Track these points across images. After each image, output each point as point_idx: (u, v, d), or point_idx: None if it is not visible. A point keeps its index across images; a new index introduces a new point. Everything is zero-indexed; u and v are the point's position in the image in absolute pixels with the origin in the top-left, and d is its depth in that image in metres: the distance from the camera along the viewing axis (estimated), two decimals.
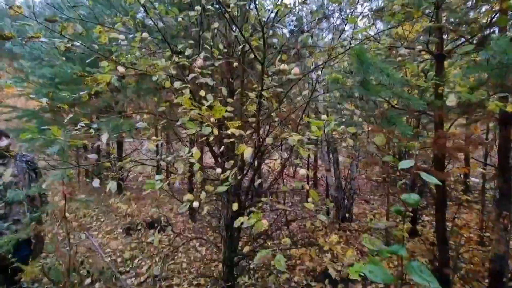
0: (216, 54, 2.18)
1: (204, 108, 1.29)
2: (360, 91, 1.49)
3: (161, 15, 2.67)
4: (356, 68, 1.39)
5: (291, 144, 1.55)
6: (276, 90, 2.38)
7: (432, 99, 2.07)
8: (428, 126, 4.64)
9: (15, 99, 9.67)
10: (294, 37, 2.79)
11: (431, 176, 0.80)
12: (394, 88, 1.44)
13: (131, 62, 2.56)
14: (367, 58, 1.31)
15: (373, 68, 1.33)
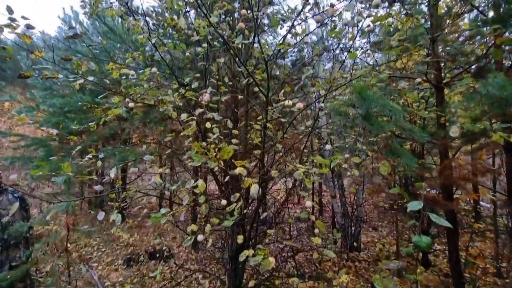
0: (222, 89, 2.26)
1: (212, 150, 1.32)
2: (363, 124, 1.52)
3: (170, 49, 2.81)
4: (358, 102, 1.43)
5: (297, 177, 1.55)
6: (280, 119, 2.43)
7: (435, 129, 2.09)
8: (434, 151, 4.62)
9: (24, 128, 9.93)
10: (296, 68, 2.90)
11: (440, 218, 0.79)
12: (397, 121, 1.47)
13: (140, 94, 2.67)
14: (369, 94, 1.35)
15: (374, 104, 1.36)
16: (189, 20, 3.55)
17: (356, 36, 2.26)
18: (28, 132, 8.83)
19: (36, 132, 8.96)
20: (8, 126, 11.72)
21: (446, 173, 1.84)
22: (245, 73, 2.52)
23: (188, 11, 3.04)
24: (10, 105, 11.50)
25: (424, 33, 2.14)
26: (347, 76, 2.28)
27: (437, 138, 1.96)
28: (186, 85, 2.75)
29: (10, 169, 7.26)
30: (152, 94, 2.73)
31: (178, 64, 3.84)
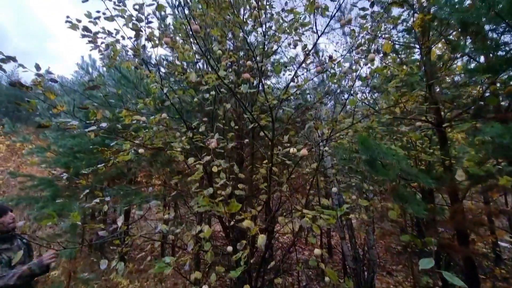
0: (229, 136, 2.35)
1: (221, 204, 1.34)
2: (368, 170, 1.54)
3: (179, 96, 2.98)
4: (361, 150, 1.47)
5: (304, 226, 1.53)
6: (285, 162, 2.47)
7: (441, 171, 2.09)
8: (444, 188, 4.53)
9: (32, 167, 10.10)
10: (300, 111, 3.02)
11: (454, 278, 0.77)
12: (401, 166, 1.49)
13: (149, 137, 2.77)
14: (371, 144, 1.40)
15: (377, 151, 1.40)
16: (197, 66, 3.83)
17: (355, 82, 2.39)
18: (36, 172, 8.97)
19: (44, 172, 9.08)
20: (16, 165, 11.93)
21: (458, 217, 1.80)
22: (250, 118, 2.64)
23: (198, 61, 3.29)
24: (21, 144, 11.85)
25: (420, 79, 2.27)
26: (349, 119, 2.36)
27: (444, 182, 1.95)
28: (193, 129, 2.86)
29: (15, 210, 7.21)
30: (160, 136, 2.84)
31: (186, 107, 4.03)
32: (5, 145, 12.54)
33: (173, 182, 2.72)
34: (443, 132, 2.38)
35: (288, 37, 2.99)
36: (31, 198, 5.58)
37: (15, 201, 5.53)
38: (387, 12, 2.16)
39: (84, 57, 7.44)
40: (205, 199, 1.32)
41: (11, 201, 5.69)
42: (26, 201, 5.52)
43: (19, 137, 6.20)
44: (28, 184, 5.98)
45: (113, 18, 2.34)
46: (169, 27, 3.90)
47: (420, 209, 1.49)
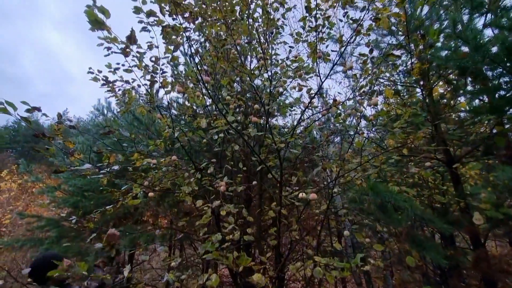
0: (238, 180, 2.37)
1: (231, 257, 1.31)
2: (380, 216, 1.49)
3: (189, 137, 3.08)
4: (371, 196, 1.46)
5: (317, 276, 1.45)
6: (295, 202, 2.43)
7: (457, 213, 2.01)
8: None
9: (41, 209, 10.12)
10: (307, 151, 3.05)
11: None
12: (414, 211, 1.45)
13: (158, 178, 2.80)
14: (381, 189, 1.39)
15: (388, 197, 1.38)
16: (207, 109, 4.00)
17: (360, 122, 2.44)
18: (44, 211, 8.97)
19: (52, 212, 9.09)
20: (26, 204, 12.02)
21: (482, 265, 1.67)
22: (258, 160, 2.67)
23: (208, 106, 3.46)
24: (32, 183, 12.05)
25: (424, 120, 2.31)
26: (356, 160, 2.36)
27: (461, 225, 1.86)
28: (202, 170, 2.90)
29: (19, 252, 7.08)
30: (169, 177, 2.87)
31: (195, 147, 4.12)
32: (17, 184, 12.79)
33: (180, 224, 2.68)
34: (455, 171, 2.34)
35: (293, 81, 3.16)
36: (37, 240, 5.50)
37: (21, 242, 5.46)
38: (385, 58, 2.29)
39: (101, 99, 7.89)
40: (214, 249, 1.29)
41: (16, 242, 5.62)
42: (31, 242, 5.44)
43: (32, 177, 6.33)
44: (35, 225, 5.95)
45: (131, 70, 2.54)
46: (181, 74, 4.18)
47: (439, 257, 1.41)
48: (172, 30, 1.96)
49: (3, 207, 11.06)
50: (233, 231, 1.79)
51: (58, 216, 6.24)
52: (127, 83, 2.89)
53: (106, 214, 5.33)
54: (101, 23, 1.37)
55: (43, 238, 5.77)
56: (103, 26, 1.40)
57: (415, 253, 1.99)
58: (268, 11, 3.05)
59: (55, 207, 7.03)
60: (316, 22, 2.36)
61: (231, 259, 1.28)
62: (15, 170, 13.03)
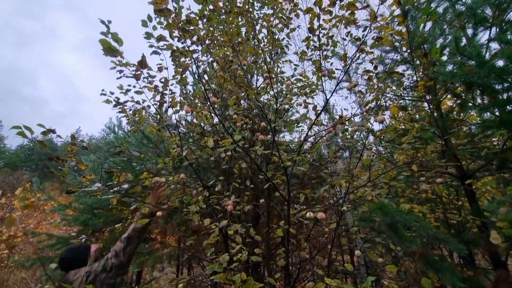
0: (245, 199, 2.37)
1: (237, 282, 1.29)
2: (391, 237, 1.45)
3: (196, 155, 3.12)
4: (380, 216, 1.42)
5: None
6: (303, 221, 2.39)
7: (473, 232, 1.93)
8: None
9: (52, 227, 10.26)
10: (314, 167, 3.04)
11: None
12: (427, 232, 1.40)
13: (166, 196, 2.82)
14: (390, 209, 1.36)
15: (398, 217, 1.35)
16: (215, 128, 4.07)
17: (367, 137, 2.42)
18: (54, 229, 9.06)
19: (61, 231, 9.19)
20: (37, 221, 12.19)
21: (503, 286, 1.58)
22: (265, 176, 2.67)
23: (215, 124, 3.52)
24: (44, 202, 12.28)
25: (433, 135, 2.27)
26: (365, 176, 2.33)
27: (479, 245, 1.78)
28: (210, 187, 2.91)
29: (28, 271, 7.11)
30: (177, 195, 2.89)
31: (203, 164, 4.16)
32: (30, 201, 13.04)
33: (188, 243, 2.66)
34: (468, 187, 2.27)
35: (299, 98, 3.20)
36: (47, 258, 5.53)
37: (31, 261, 5.50)
38: (390, 75, 2.31)
39: (112, 118, 8.13)
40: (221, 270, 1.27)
41: (27, 261, 5.67)
42: (41, 261, 5.47)
43: (44, 195, 6.47)
44: (46, 243, 6.00)
45: (142, 92, 2.64)
46: (190, 93, 4.30)
47: (456, 281, 1.34)
48: (181, 53, 2.05)
49: (15, 225, 11.23)
50: (241, 251, 1.77)
51: (68, 234, 6.29)
52: (137, 103, 3.00)
53: (114, 232, 5.36)
54: (114, 51, 1.45)
55: (53, 256, 5.80)
56: (116, 53, 1.48)
57: (432, 273, 1.90)
58: (273, 31, 3.16)
59: (66, 225, 7.11)
60: (320, 42, 2.42)
61: (238, 283, 1.26)
62: (28, 188, 13.34)
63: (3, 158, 34.01)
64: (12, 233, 10.01)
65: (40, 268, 5.87)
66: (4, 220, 11.13)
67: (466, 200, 2.95)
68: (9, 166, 27.68)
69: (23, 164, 32.57)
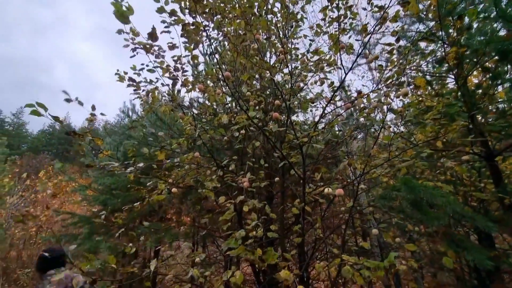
0: (260, 175, 2.35)
1: (256, 252, 1.28)
2: (413, 214, 1.39)
3: (210, 135, 3.11)
4: (404, 191, 1.36)
5: (346, 276, 1.38)
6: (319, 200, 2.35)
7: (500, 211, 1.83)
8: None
9: (74, 205, 10.81)
10: (330, 147, 2.96)
11: None
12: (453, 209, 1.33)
13: (181, 176, 2.86)
14: (415, 184, 1.29)
15: (423, 193, 1.28)
16: (227, 107, 4.02)
17: (386, 115, 2.31)
18: (77, 209, 9.54)
19: (83, 209, 9.65)
20: (61, 202, 12.88)
21: None
22: (279, 156, 2.63)
23: (228, 103, 3.47)
24: (67, 182, 12.90)
25: (460, 110, 2.13)
26: (383, 155, 2.24)
27: (506, 224, 1.69)
28: (223, 167, 2.91)
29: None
30: (192, 175, 2.91)
31: (216, 145, 4.16)
32: (53, 183, 13.71)
33: (203, 222, 2.70)
34: (495, 165, 2.14)
35: (314, 76, 3.07)
36: (71, 235, 5.86)
37: (56, 238, 5.84)
38: (415, 46, 2.15)
39: (126, 102, 8.23)
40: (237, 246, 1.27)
41: (53, 237, 6.04)
42: (66, 238, 5.80)
43: (66, 177, 6.75)
44: (69, 222, 6.34)
45: (154, 70, 2.60)
46: (201, 73, 4.24)
47: (482, 257, 1.28)
48: (192, 25, 1.97)
49: (41, 205, 11.89)
50: (256, 228, 1.77)
51: (89, 213, 6.60)
52: (150, 83, 2.97)
53: (133, 211, 5.56)
54: (125, 17, 1.41)
55: (76, 233, 6.14)
56: (126, 20, 1.44)
57: (451, 253, 1.84)
58: (287, 5, 2.99)
59: (87, 204, 7.44)
60: (338, 12, 2.27)
61: (257, 255, 1.26)
62: (51, 171, 14.01)
63: (25, 142, 35.65)
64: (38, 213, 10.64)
65: (65, 244, 6.23)
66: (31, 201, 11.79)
67: (489, 182, 2.81)
68: (32, 150, 29.03)
69: (44, 148, 34.07)
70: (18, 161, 18.35)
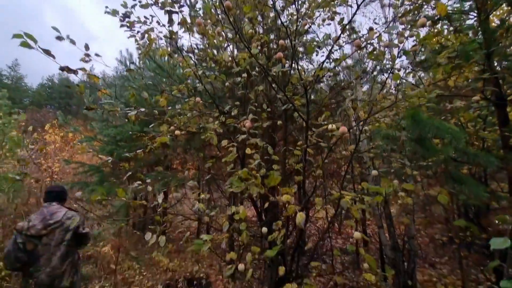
0: (263, 116, 2.31)
1: (259, 177, 1.31)
2: (414, 148, 1.38)
3: (211, 81, 3.01)
4: (409, 126, 1.33)
5: (344, 206, 1.45)
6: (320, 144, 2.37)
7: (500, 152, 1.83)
8: (498, 175, 4.02)
9: (83, 156, 11.18)
10: (334, 92, 2.87)
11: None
12: (456, 144, 1.32)
13: (183, 123, 2.85)
14: (422, 117, 1.25)
15: (429, 127, 1.25)
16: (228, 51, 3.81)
17: (397, 57, 2.17)
18: (86, 160, 9.88)
19: (92, 160, 9.99)
20: (70, 154, 13.32)
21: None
22: (283, 99, 2.56)
23: (229, 45, 3.27)
24: (73, 135, 13.15)
25: (477, 48, 1.98)
26: (389, 98, 2.18)
27: (508, 163, 1.70)
28: (226, 113, 2.87)
29: (70, 193, 8.03)
30: (194, 122, 2.90)
31: (218, 94, 4.07)
32: (59, 136, 13.97)
33: (207, 166, 2.78)
34: (503, 107, 2.08)
35: (322, 14, 2.81)
36: (83, 183, 6.19)
37: (70, 185, 6.19)
38: None
39: (122, 51, 7.85)
40: (240, 184, 1.30)
41: (66, 185, 6.39)
42: (78, 185, 6.14)
43: (71, 128, 6.84)
44: (80, 170, 6.63)
45: (148, 5, 2.39)
46: (198, 13, 3.91)
47: (480, 190, 1.32)
48: None
49: (51, 157, 12.28)
50: (259, 168, 1.81)
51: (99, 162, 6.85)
52: (145, 22, 2.76)
53: (139, 161, 5.74)
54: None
55: (88, 182, 6.48)
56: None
57: (445, 193, 1.91)
58: None
59: (95, 155, 7.66)
60: None
61: (259, 179, 1.31)
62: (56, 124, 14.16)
63: (27, 96, 35.35)
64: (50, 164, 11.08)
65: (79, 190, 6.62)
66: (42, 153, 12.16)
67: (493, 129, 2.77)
68: (34, 104, 28.96)
69: (46, 102, 33.94)
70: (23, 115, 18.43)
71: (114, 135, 6.10)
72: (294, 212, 1.34)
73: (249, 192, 1.52)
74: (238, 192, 3.25)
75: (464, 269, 3.85)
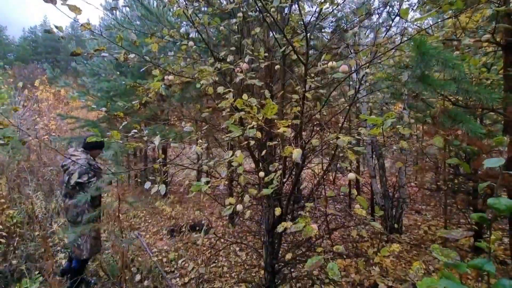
0: (261, 55, 2.20)
1: (254, 107, 1.28)
2: (418, 87, 1.34)
3: (205, 25, 2.80)
4: (414, 60, 1.26)
5: (338, 146, 1.46)
6: (319, 92, 2.31)
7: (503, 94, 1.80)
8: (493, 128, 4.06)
9: (78, 111, 11.01)
10: (336, 35, 2.70)
11: None
12: (459, 81, 1.28)
13: (177, 71, 2.73)
14: (428, 48, 1.18)
15: (435, 59, 1.19)
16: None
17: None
18: (81, 115, 9.77)
19: (88, 116, 9.86)
20: (65, 112, 13.13)
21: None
22: (281, 43, 2.41)
23: None
24: (65, 92, 12.77)
25: None
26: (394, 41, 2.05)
27: (507, 103, 1.68)
28: (221, 60, 2.74)
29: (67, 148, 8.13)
30: (189, 71, 2.78)
31: (212, 42, 3.83)
32: (51, 94, 13.58)
33: (204, 116, 2.75)
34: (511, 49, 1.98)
35: None
36: (81, 137, 6.21)
37: (68, 140, 6.21)
38: None
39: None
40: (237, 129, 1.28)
41: (64, 140, 6.40)
42: (76, 140, 6.16)
43: (60, 82, 6.58)
44: (76, 126, 6.59)
45: None
46: None
47: (477, 128, 1.32)
48: None
49: (46, 115, 12.08)
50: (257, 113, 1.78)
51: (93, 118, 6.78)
52: None
53: (135, 116, 5.66)
54: None
55: (84, 136, 6.49)
56: None
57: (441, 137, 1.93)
58: None
59: (90, 110, 7.53)
60: None
61: (255, 110, 1.29)
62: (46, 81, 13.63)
63: (10, 51, 33.37)
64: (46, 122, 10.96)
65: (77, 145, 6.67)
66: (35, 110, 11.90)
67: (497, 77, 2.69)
68: (19, 59, 27.49)
69: (32, 57, 32.20)
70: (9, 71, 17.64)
71: (107, 89, 5.91)
72: (290, 153, 1.36)
73: (247, 135, 1.51)
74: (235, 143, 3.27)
75: (448, 214, 4.13)
